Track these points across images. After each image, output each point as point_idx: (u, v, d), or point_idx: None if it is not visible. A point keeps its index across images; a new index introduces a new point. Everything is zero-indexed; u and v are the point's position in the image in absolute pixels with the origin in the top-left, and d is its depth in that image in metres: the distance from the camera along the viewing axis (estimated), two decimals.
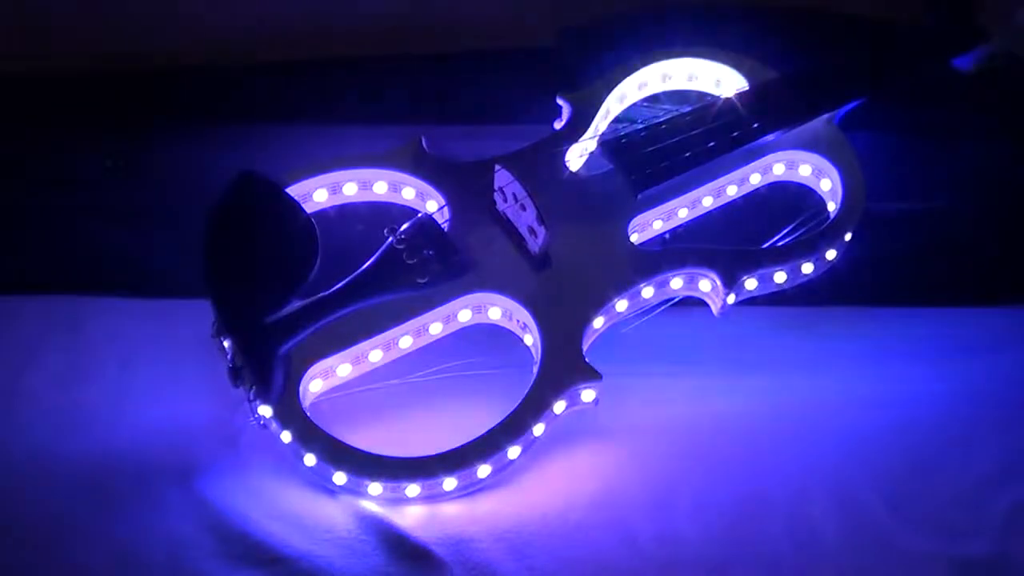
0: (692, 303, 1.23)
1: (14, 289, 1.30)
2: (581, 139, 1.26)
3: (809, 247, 1.22)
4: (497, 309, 1.19)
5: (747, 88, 1.29)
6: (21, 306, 1.28)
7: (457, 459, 1.09)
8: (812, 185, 1.29)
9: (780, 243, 1.23)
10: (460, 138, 1.32)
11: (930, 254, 1.35)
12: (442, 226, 1.19)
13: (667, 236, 1.26)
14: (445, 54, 1.51)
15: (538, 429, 1.12)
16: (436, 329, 1.18)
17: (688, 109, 1.27)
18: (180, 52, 1.49)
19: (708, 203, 1.27)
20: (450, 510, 1.11)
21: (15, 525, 1.11)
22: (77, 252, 1.35)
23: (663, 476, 1.16)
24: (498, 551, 1.09)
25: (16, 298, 1.29)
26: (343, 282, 1.14)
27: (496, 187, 1.19)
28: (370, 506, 1.11)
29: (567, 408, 1.14)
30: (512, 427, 1.10)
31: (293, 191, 1.21)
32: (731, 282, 1.19)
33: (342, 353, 1.14)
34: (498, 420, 1.10)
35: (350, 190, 1.26)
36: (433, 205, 1.23)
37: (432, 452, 1.09)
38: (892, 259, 1.32)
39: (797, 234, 1.23)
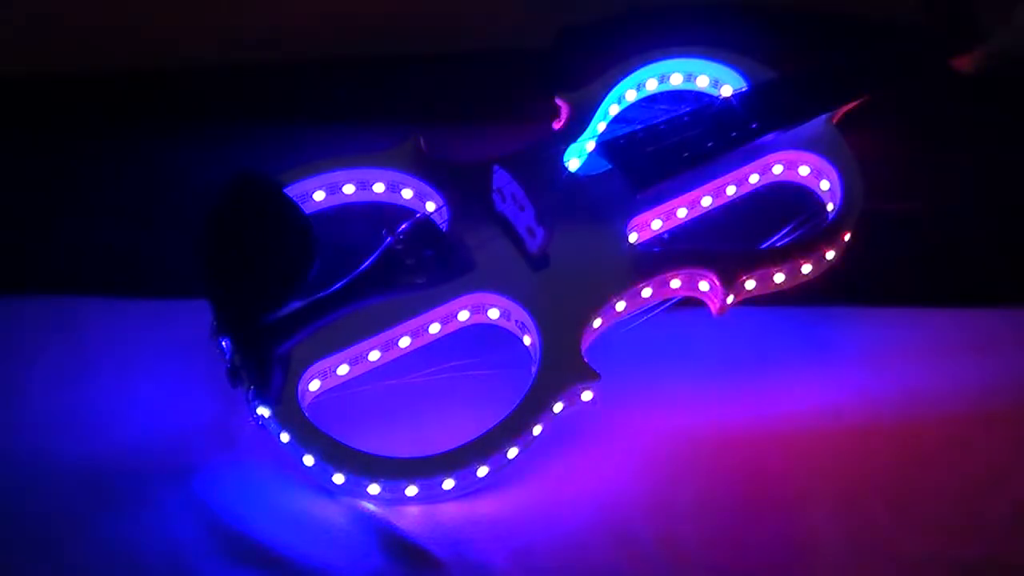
0: (692, 303, 1.22)
1: (13, 289, 1.30)
2: (580, 139, 1.26)
3: (808, 247, 1.22)
4: (496, 309, 1.19)
5: (746, 88, 1.29)
6: (20, 306, 1.29)
7: (456, 459, 1.09)
8: (811, 185, 1.29)
9: (779, 243, 1.23)
10: (459, 138, 1.32)
11: (930, 254, 1.35)
12: (441, 226, 1.19)
13: (666, 236, 1.25)
14: (445, 54, 1.51)
15: (537, 429, 1.12)
16: (435, 329, 1.18)
17: (687, 109, 1.27)
18: (180, 52, 1.49)
19: (707, 203, 1.27)
20: (449, 511, 1.11)
21: (15, 525, 1.11)
22: (77, 252, 1.35)
23: (662, 477, 1.16)
24: (497, 552, 1.09)
25: (15, 298, 1.29)
26: (342, 282, 1.14)
27: (494, 187, 1.19)
28: (369, 506, 1.11)
29: (566, 408, 1.14)
30: (511, 427, 1.10)
31: (292, 191, 1.21)
32: (730, 282, 1.19)
33: (341, 353, 1.14)
34: (497, 420, 1.10)
35: (349, 190, 1.26)
36: (432, 205, 1.23)
37: (431, 452, 1.09)
38: (891, 259, 1.32)
39: (796, 234, 1.23)
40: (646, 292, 1.20)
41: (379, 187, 1.26)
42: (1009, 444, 1.19)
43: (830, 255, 1.23)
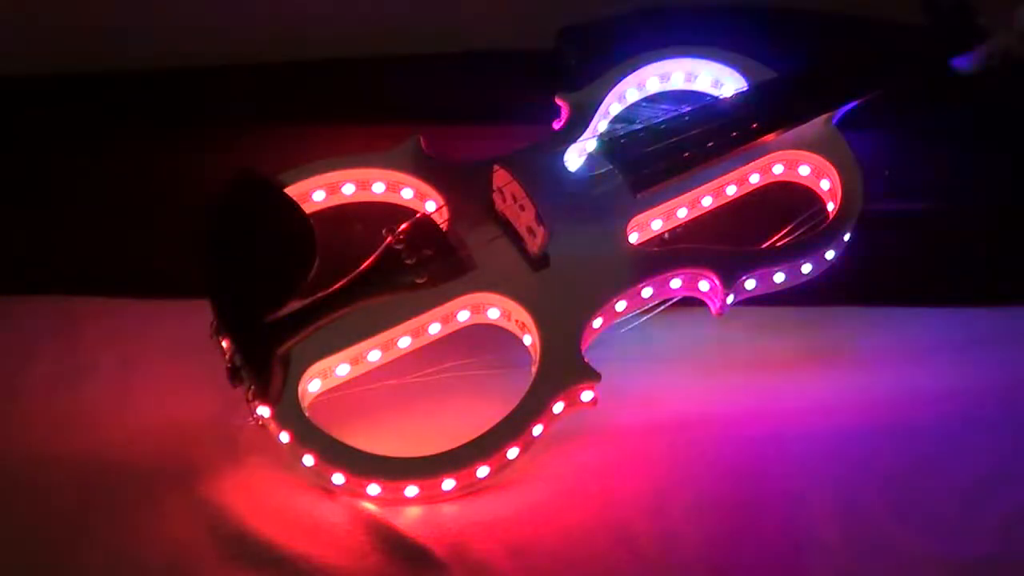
0: (692, 303, 1.22)
1: (13, 289, 1.30)
2: (580, 139, 1.26)
3: (808, 247, 1.22)
4: (496, 309, 1.19)
5: (746, 88, 1.29)
6: (20, 307, 1.29)
7: (456, 459, 1.09)
8: (811, 185, 1.29)
9: (779, 243, 1.23)
10: (460, 138, 1.32)
11: (930, 254, 1.35)
12: (441, 226, 1.19)
13: (666, 236, 1.25)
14: (445, 54, 1.51)
15: (537, 429, 1.12)
16: (435, 329, 1.18)
17: (687, 109, 1.27)
18: (181, 52, 1.49)
19: (707, 203, 1.27)
20: (449, 510, 1.11)
21: (15, 525, 1.11)
22: (76, 252, 1.35)
23: (662, 476, 1.16)
24: (497, 551, 1.09)
25: (15, 299, 1.30)
26: (342, 282, 1.14)
27: (495, 187, 1.19)
28: (369, 506, 1.11)
29: (566, 408, 1.14)
30: (511, 427, 1.10)
31: (292, 191, 1.21)
32: (730, 282, 1.19)
33: (341, 353, 1.14)
34: (497, 420, 1.10)
35: (349, 190, 1.26)
36: (432, 205, 1.23)
37: (431, 452, 1.09)
38: (892, 259, 1.32)
39: (796, 234, 1.23)
40: (646, 292, 1.20)
41: (379, 187, 1.26)
42: (1008, 444, 1.19)
43: (830, 255, 1.23)
